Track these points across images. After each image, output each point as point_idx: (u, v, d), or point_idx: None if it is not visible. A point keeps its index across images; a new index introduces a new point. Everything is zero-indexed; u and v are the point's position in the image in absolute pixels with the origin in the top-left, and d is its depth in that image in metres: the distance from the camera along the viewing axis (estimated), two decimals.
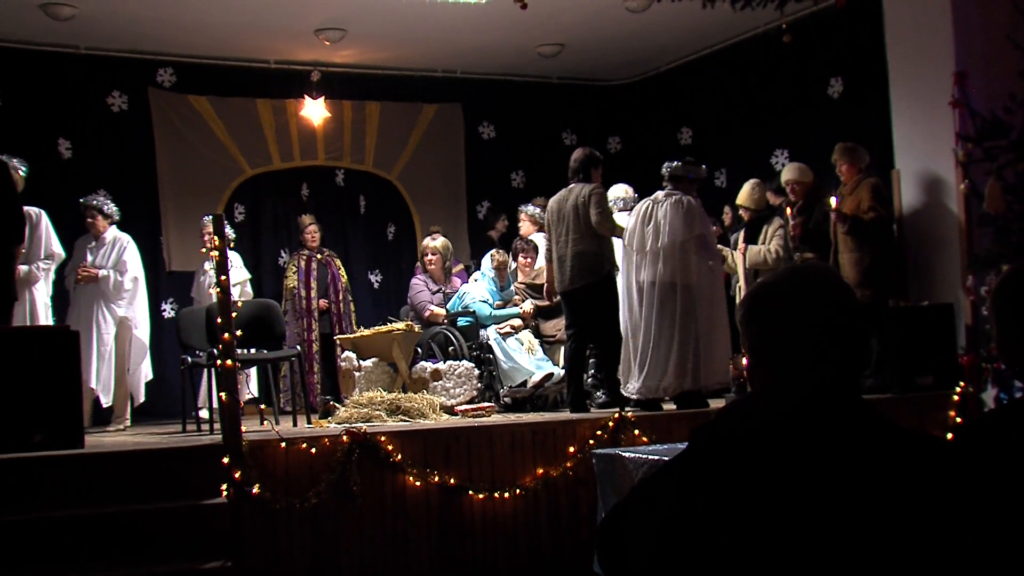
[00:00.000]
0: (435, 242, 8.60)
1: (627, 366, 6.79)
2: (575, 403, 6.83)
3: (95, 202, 8.08)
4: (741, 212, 8.50)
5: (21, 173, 7.36)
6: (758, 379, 1.87)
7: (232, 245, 8.42)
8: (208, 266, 8.54)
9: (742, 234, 8.46)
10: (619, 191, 8.15)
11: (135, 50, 9.53)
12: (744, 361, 1.72)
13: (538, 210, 8.83)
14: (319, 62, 10.05)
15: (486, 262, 8.51)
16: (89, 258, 7.93)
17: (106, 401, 7.91)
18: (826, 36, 8.87)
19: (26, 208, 6.78)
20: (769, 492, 1.72)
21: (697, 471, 1.81)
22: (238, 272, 8.63)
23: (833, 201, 7.26)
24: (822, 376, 1.79)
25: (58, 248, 7.69)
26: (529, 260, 8.60)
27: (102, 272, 7.86)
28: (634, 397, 6.68)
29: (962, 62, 7.04)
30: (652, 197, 6.94)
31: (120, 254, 7.94)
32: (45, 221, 7.57)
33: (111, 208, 8.10)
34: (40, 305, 7.56)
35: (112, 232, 8.04)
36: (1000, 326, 2.11)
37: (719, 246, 8.70)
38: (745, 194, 8.39)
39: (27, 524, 4.89)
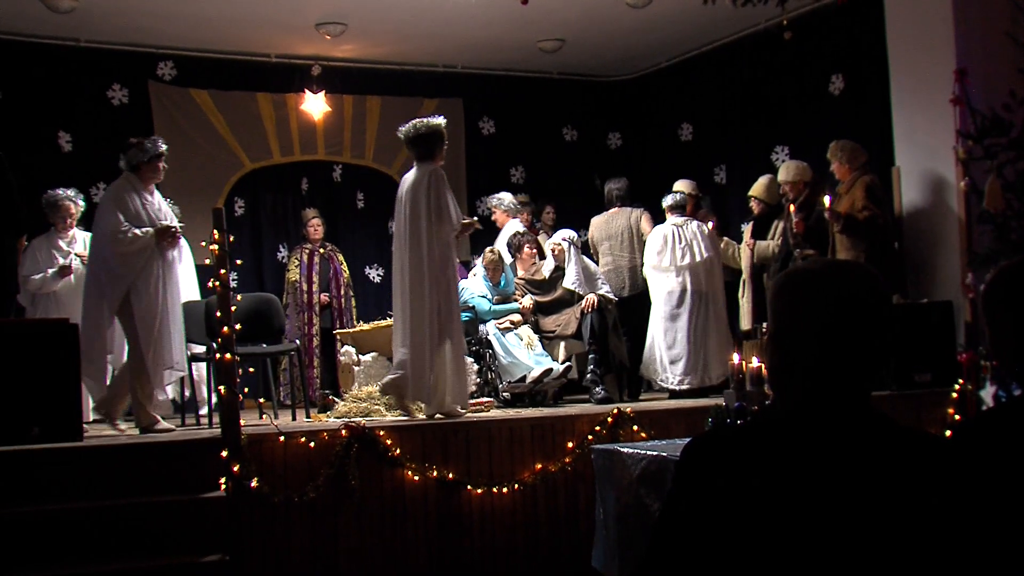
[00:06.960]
0: None
1: (662, 364, 7.96)
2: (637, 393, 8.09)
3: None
4: (752, 204, 8.48)
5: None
6: (767, 363, 1.87)
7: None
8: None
9: (750, 228, 8.44)
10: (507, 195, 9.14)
11: (135, 43, 9.52)
12: (738, 358, 1.71)
13: (507, 196, 9.14)
14: (320, 56, 10.04)
15: (482, 259, 8.47)
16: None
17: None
18: (827, 33, 8.86)
19: None
20: (761, 490, 1.72)
21: (693, 469, 1.81)
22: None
23: (826, 200, 7.25)
24: (823, 373, 1.79)
25: None
26: (534, 252, 8.53)
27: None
28: (683, 388, 7.84)
29: (963, 59, 7.03)
30: (671, 223, 8.10)
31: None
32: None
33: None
34: None
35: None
36: (992, 326, 2.10)
37: (724, 237, 8.72)
38: (762, 186, 8.38)
39: (24, 518, 4.89)
